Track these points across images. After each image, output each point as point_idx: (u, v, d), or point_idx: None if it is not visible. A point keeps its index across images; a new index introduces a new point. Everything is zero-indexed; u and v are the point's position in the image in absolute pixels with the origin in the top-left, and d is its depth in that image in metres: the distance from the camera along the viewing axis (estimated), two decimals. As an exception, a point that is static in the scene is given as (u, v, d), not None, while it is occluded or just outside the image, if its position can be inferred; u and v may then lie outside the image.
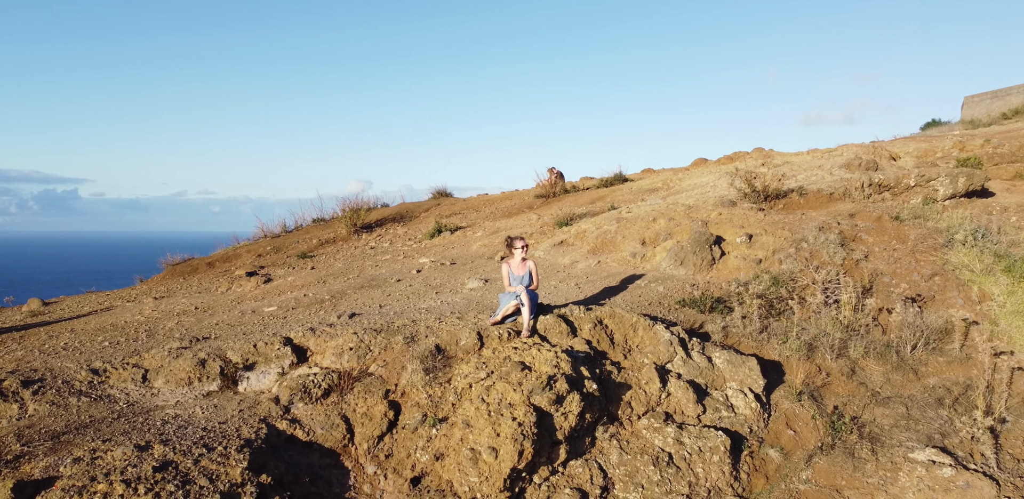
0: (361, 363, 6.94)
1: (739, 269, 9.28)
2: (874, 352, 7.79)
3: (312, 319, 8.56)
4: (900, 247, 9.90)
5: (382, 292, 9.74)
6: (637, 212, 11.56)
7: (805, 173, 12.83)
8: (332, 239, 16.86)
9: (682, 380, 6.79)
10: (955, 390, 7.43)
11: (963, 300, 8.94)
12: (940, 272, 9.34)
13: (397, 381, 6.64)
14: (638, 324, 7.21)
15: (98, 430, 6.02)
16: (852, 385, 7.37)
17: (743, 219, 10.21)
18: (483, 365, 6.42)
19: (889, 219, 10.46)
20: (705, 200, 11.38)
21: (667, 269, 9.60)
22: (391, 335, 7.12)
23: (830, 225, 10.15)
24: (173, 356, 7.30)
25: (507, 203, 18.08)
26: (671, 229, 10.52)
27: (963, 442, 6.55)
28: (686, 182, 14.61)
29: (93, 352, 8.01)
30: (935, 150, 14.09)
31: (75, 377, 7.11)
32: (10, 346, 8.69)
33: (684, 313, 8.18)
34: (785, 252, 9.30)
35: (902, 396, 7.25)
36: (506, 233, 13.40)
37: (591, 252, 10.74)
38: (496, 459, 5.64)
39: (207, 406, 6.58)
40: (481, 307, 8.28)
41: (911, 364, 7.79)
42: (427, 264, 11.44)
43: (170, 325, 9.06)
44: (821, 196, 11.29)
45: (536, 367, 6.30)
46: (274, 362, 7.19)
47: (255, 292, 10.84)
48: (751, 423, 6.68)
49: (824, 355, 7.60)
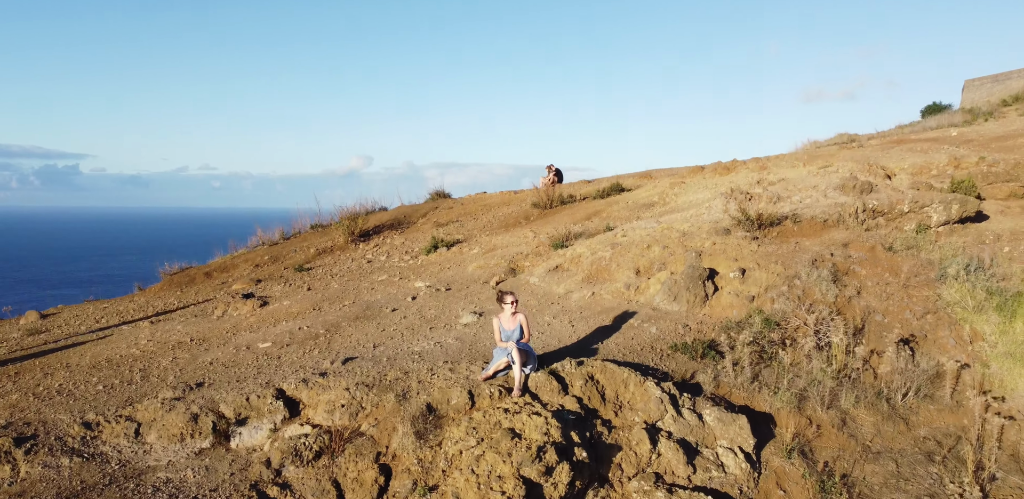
0: (353, 421, 6.79)
1: (732, 306, 9.09)
2: (865, 401, 7.64)
3: (306, 361, 8.39)
4: (893, 281, 9.69)
5: (376, 326, 9.55)
6: (632, 236, 11.32)
7: (800, 194, 12.54)
8: (330, 248, 16.63)
9: (672, 439, 6.64)
10: (946, 443, 7.29)
11: (955, 340, 8.77)
12: (932, 309, 9.15)
13: (388, 443, 6.49)
14: (629, 380, 7.04)
15: None
16: (843, 438, 7.23)
17: (737, 250, 9.98)
18: (473, 430, 6.26)
19: (883, 249, 10.23)
20: (699, 225, 11.13)
21: (661, 304, 9.40)
22: (383, 392, 6.96)
23: (823, 257, 9.92)
24: (166, 409, 7.14)
25: (504, 210, 17.80)
26: (665, 258, 10.30)
27: (952, 504, 6.43)
28: (681, 198, 14.33)
29: (87, 398, 7.86)
30: (930, 166, 13.79)
31: (68, 432, 6.97)
32: (5, 385, 8.54)
33: (676, 359, 8.00)
34: (778, 290, 9.09)
35: (892, 450, 7.12)
36: (502, 251, 13.17)
37: (585, 280, 10.53)
38: (485, 536, 5.52)
39: (199, 468, 6.44)
40: (474, 352, 8.10)
41: (902, 413, 7.65)
42: (422, 290, 11.23)
43: (165, 363, 8.89)
44: (815, 223, 11.04)
45: (526, 434, 6.15)
46: (266, 417, 7.04)
47: (251, 320, 10.65)
48: (741, 484, 6.55)
49: (815, 406, 7.44)
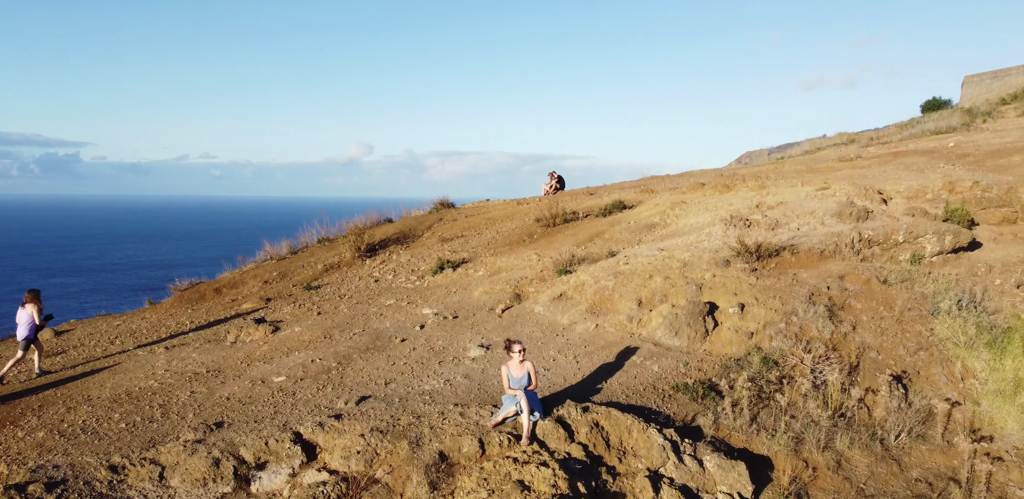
0: (368, 468, 7.01)
1: (732, 342, 9.30)
2: (859, 443, 7.86)
3: (320, 399, 8.61)
4: (888, 315, 9.89)
5: (387, 359, 9.77)
6: (634, 265, 11.50)
7: (798, 221, 12.71)
8: (337, 264, 16.82)
9: (674, 486, 6.87)
10: (937, 485, 7.52)
11: (947, 377, 8.98)
12: (925, 345, 9.35)
13: (403, 491, 6.72)
14: (632, 427, 7.26)
15: (119, 551, 6.11)
16: (838, 480, 7.46)
17: (736, 284, 10.17)
18: (484, 481, 6.49)
19: (878, 282, 10.42)
20: (700, 255, 11.31)
21: (662, 339, 9.61)
22: (396, 439, 7.18)
23: (820, 291, 10.11)
24: (188, 452, 7.37)
25: (508, 225, 17.97)
26: (667, 289, 10.49)
27: (940, 550, 6.66)
28: (682, 221, 14.49)
29: (111, 437, 8.09)
30: (926, 190, 13.93)
31: (95, 476, 7.20)
32: (31, 421, 8.77)
33: (678, 400, 8.22)
34: (776, 326, 9.30)
35: (886, 493, 7.34)
36: (507, 274, 13.36)
37: (589, 310, 10.73)
38: (497, 589, 5.76)
39: (222, 515, 6.68)
40: (483, 392, 8.32)
41: (895, 454, 7.87)
42: (430, 317, 11.44)
43: (183, 398, 9.12)
44: (812, 254, 11.22)
45: (535, 486, 6.38)
46: (285, 461, 7.27)
47: (264, 348, 10.87)
48: (739, 529, 6.78)
49: (811, 448, 7.67)
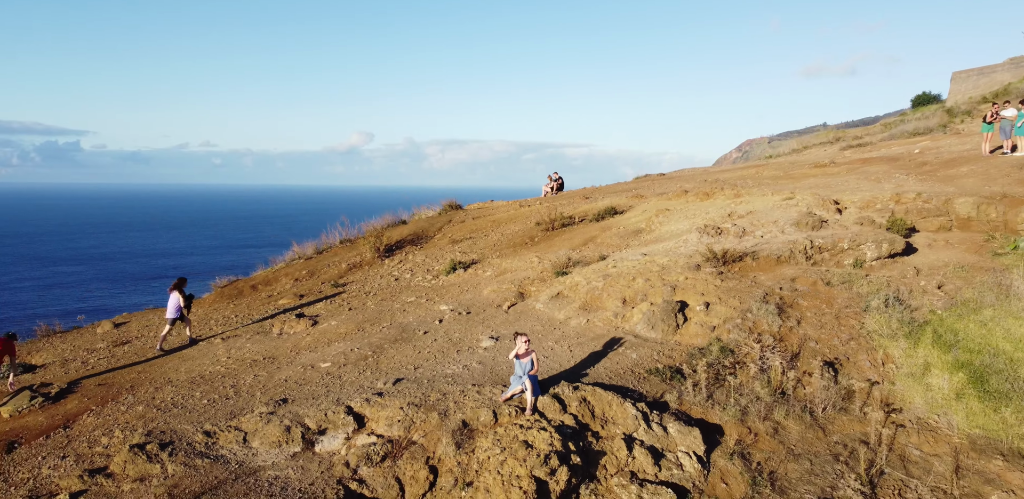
0: (407, 433, 8.98)
1: (697, 335, 11.24)
2: (793, 414, 9.82)
3: (362, 380, 10.57)
4: (828, 311, 11.83)
5: (413, 348, 11.73)
6: (621, 268, 13.42)
7: (762, 229, 14.61)
8: (359, 263, 18.75)
9: (644, 446, 8.83)
10: (851, 445, 9.48)
11: (870, 362, 10.93)
12: (856, 337, 11.30)
13: (435, 450, 8.68)
14: (612, 401, 9.22)
15: (226, 491, 8.07)
16: (774, 443, 9.42)
17: (704, 286, 12.10)
18: (498, 441, 8.45)
19: (822, 284, 12.34)
20: (676, 260, 13.23)
21: (641, 332, 11.56)
22: (428, 411, 9.15)
23: (773, 291, 12.05)
24: (264, 421, 9.34)
25: (511, 228, 19.87)
26: (647, 290, 12.42)
27: (847, 494, 8.64)
28: (664, 227, 16.39)
29: (198, 410, 10.05)
30: (876, 201, 15.78)
31: (194, 439, 9.16)
32: (127, 399, 10.72)
33: (650, 381, 10.18)
34: (734, 322, 11.24)
35: (810, 453, 9.32)
36: (511, 275, 15.30)
37: (582, 308, 12.67)
38: (508, 518, 7.73)
39: (296, 468, 8.64)
40: (494, 375, 10.28)
41: (821, 423, 9.83)
42: (447, 313, 13.39)
43: (248, 380, 11.07)
44: (770, 260, 13.13)
45: (536, 445, 8.34)
46: (340, 428, 9.23)
47: (307, 339, 12.83)
48: (694, 479, 8.75)
49: (754, 419, 9.63)
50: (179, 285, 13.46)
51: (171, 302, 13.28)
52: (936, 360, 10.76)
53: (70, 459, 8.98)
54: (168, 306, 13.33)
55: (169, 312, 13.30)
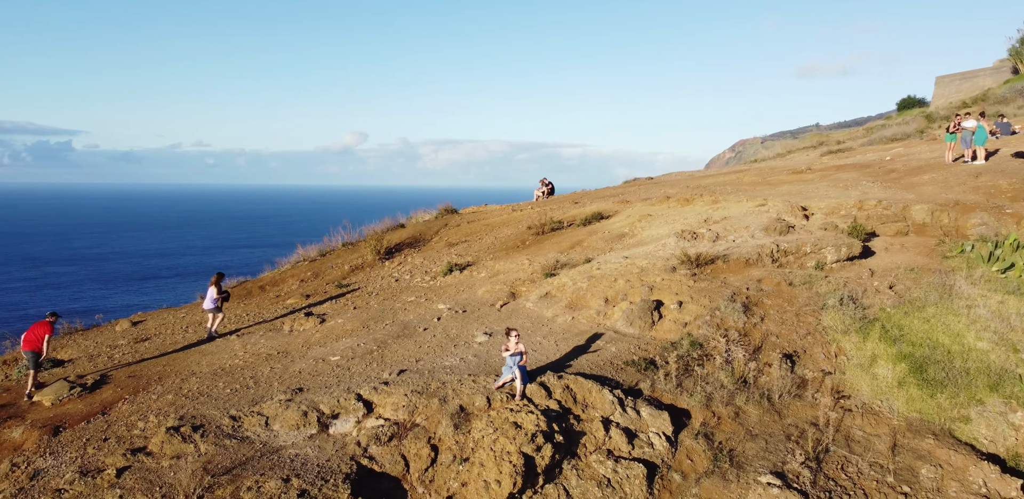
0: (411, 416, 10.18)
1: (671, 331, 12.48)
2: (753, 400, 11.07)
3: (369, 372, 11.76)
4: (789, 309, 13.09)
5: (415, 343, 12.92)
6: (604, 270, 14.65)
7: (735, 234, 15.85)
8: (360, 265, 19.91)
9: (619, 428, 10.06)
10: (803, 427, 10.73)
11: (825, 355, 12.19)
12: (813, 332, 12.56)
13: (435, 431, 9.88)
14: (592, 389, 10.44)
15: (253, 466, 9.25)
16: (735, 425, 10.66)
17: (678, 286, 13.34)
18: (491, 423, 9.66)
19: (786, 284, 13.59)
20: (654, 262, 14.47)
21: (620, 328, 12.79)
22: (429, 397, 10.34)
23: (741, 292, 13.30)
24: (283, 407, 10.52)
25: (504, 231, 21.08)
26: (627, 290, 13.65)
27: (795, 467, 9.89)
28: (646, 232, 17.62)
29: (223, 398, 11.21)
30: (840, 208, 17.03)
31: (221, 423, 10.33)
32: (156, 388, 11.87)
33: (627, 371, 11.41)
34: (703, 319, 12.48)
35: (766, 433, 10.56)
36: (504, 276, 16.51)
37: (567, 306, 13.89)
38: (500, 487, 8.93)
39: (314, 446, 9.82)
40: (487, 367, 11.48)
41: (777, 408, 11.08)
42: (444, 311, 14.59)
43: (266, 372, 12.24)
44: (740, 262, 14.38)
45: (524, 426, 9.55)
46: (352, 413, 10.42)
47: (316, 336, 14.00)
48: (663, 456, 9.98)
49: (718, 404, 10.86)
50: (217, 280, 14.92)
51: (208, 294, 14.74)
52: (882, 352, 12.03)
53: (112, 440, 10.14)
54: (206, 297, 14.78)
55: (206, 304, 14.79)
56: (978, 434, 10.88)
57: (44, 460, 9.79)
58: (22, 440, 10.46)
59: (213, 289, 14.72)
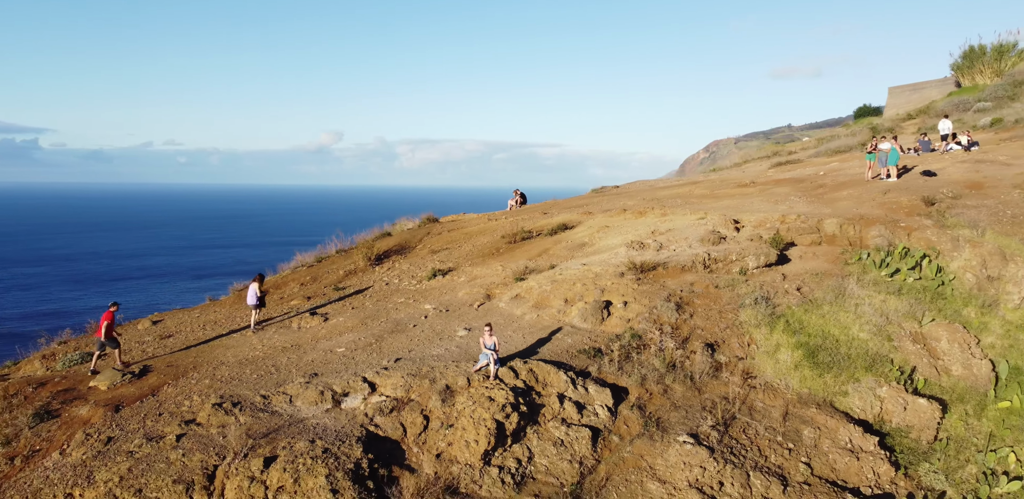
0: (407, 393, 12.82)
1: (617, 325, 15.27)
2: (679, 380, 13.90)
3: (371, 360, 14.35)
4: (714, 307, 15.97)
5: (407, 337, 15.55)
6: (565, 275, 17.41)
7: (676, 244, 18.72)
8: (354, 270, 22.43)
9: (571, 401, 12.81)
10: (716, 400, 13.59)
11: (739, 344, 15.08)
12: (731, 325, 15.44)
13: (427, 404, 12.53)
14: (550, 371, 13.19)
15: (285, 432, 11.82)
16: (663, 399, 13.48)
17: (625, 289, 16.14)
18: (470, 398, 12.35)
19: (713, 287, 16.46)
20: (607, 269, 17.26)
21: (576, 323, 15.55)
22: (421, 379, 13.00)
23: (675, 293, 16.15)
24: (303, 388, 13.09)
25: (481, 240, 23.75)
26: (583, 292, 16.43)
27: (706, 430, 12.72)
28: (603, 242, 20.41)
29: (251, 382, 13.73)
30: (766, 221, 19.96)
31: (254, 400, 12.87)
32: (193, 375, 14.33)
33: (579, 358, 14.17)
34: (643, 315, 15.30)
35: (687, 405, 13.39)
36: (480, 280, 19.20)
37: (534, 306, 16.63)
38: (477, 446, 11.62)
39: (330, 417, 12.41)
40: (467, 355, 14.16)
41: (698, 386, 13.92)
42: (430, 311, 17.23)
43: (284, 361, 14.77)
44: (677, 268, 17.22)
45: (497, 400, 12.25)
46: (359, 392, 13.02)
47: (322, 332, 16.55)
48: (605, 423, 12.75)
49: (650, 383, 13.67)
50: (259, 279, 17.44)
51: (250, 291, 17.18)
52: (784, 342, 14.96)
53: (166, 415, 12.63)
54: (248, 295, 17.19)
55: (249, 300, 17.18)
56: (852, 405, 13.87)
57: (112, 430, 12.26)
58: (89, 416, 12.90)
59: (256, 287, 17.12)
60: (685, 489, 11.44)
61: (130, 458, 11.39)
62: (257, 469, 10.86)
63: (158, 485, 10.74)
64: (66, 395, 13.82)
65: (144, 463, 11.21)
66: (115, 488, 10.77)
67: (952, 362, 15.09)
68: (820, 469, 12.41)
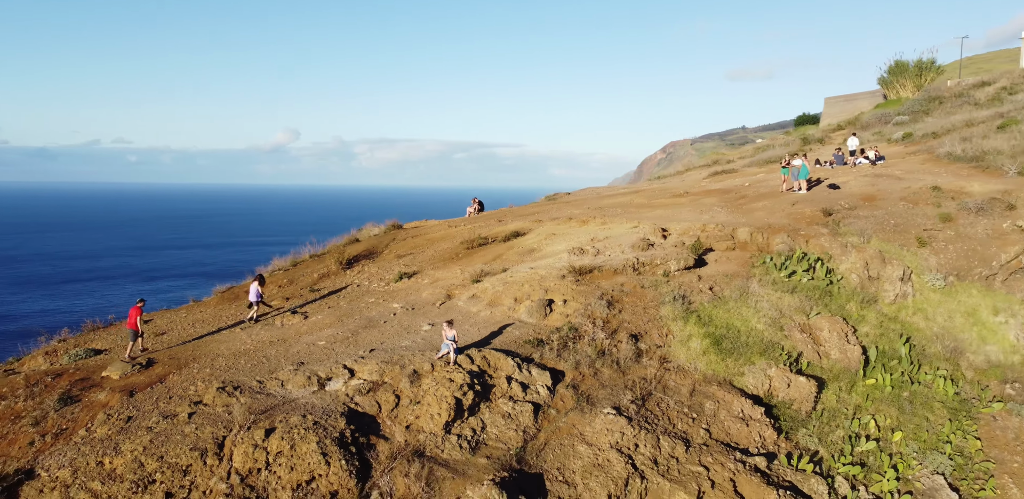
0: (381, 377, 15.39)
1: (557, 320, 18.10)
2: (607, 364, 16.78)
3: (349, 351, 16.85)
4: (640, 304, 18.94)
5: (379, 332, 18.09)
6: (516, 277, 20.18)
7: (611, 250, 21.67)
8: (327, 273, 24.77)
9: (517, 382, 15.57)
10: (636, 380, 16.52)
11: (659, 335, 18.07)
12: (653, 319, 18.43)
13: (398, 385, 15.13)
14: (500, 357, 15.93)
15: (280, 409, 14.27)
16: (594, 380, 16.34)
17: (565, 289, 18.99)
18: (434, 379, 15.00)
19: (640, 287, 19.43)
20: (551, 272, 20.09)
21: (524, 319, 18.33)
22: (393, 365, 15.59)
23: (608, 292, 19.06)
24: (293, 374, 15.54)
25: (443, 245, 26.35)
26: (530, 292, 19.22)
27: (626, 404, 15.62)
28: (549, 248, 23.24)
29: (247, 370, 16.10)
30: (690, 230, 23.08)
31: (251, 385, 15.26)
32: (194, 366, 16.62)
33: (525, 347, 16.94)
34: (580, 311, 18.16)
35: (613, 385, 16.28)
36: (442, 282, 21.82)
37: (488, 304, 19.35)
38: (440, 418, 14.27)
39: (317, 398, 14.89)
40: (431, 346, 16.79)
41: (623, 369, 16.82)
42: (398, 309, 19.80)
43: (273, 353, 17.16)
44: (610, 271, 20.16)
45: (456, 381, 14.93)
46: (341, 377, 15.54)
47: (303, 328, 18.96)
48: (545, 399, 15.54)
49: (584, 367, 16.51)
50: (259, 279, 19.98)
51: (252, 290, 19.70)
52: (696, 332, 17.99)
53: (175, 398, 14.94)
54: (250, 293, 19.74)
55: (251, 297, 19.75)
56: (747, 383, 16.96)
57: (130, 411, 14.54)
58: (107, 400, 15.12)
59: (256, 286, 19.63)
60: (608, 450, 14.31)
61: (150, 432, 13.71)
62: (259, 438, 13.32)
63: (177, 453, 13.11)
64: (83, 384, 15.97)
65: (163, 436, 13.55)
66: (140, 456, 13.10)
67: (831, 348, 18.35)
68: (717, 433, 15.44)
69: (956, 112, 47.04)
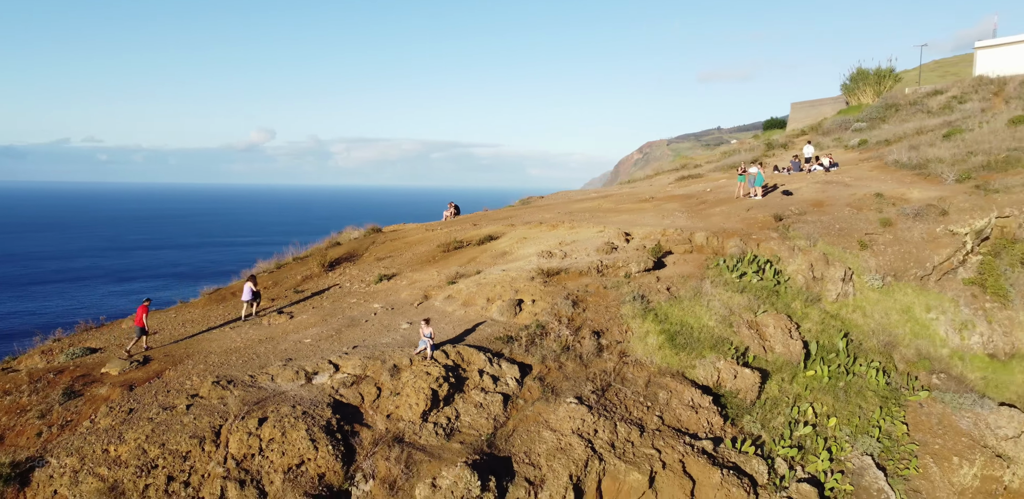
0: (364, 371, 16.81)
1: (526, 318, 19.65)
2: (571, 358, 18.36)
3: (334, 348, 18.21)
4: (603, 304, 20.57)
5: (361, 330, 19.48)
6: (488, 279, 21.69)
7: (578, 253, 23.28)
8: (310, 275, 26.05)
9: (488, 375, 17.08)
10: (598, 373, 18.13)
11: (619, 331, 19.71)
12: (614, 317, 20.07)
13: (379, 379, 16.55)
14: (473, 353, 17.43)
15: (271, 400, 15.62)
16: (558, 373, 17.91)
17: (534, 290, 20.55)
18: (412, 373, 16.46)
19: (603, 288, 21.06)
20: (521, 274, 21.64)
21: (496, 317, 19.86)
22: (374, 360, 17.01)
23: (573, 293, 20.67)
24: (282, 369, 16.88)
25: (420, 249, 27.76)
26: (501, 292, 20.74)
27: (587, 394, 17.22)
28: (520, 251, 24.79)
29: (239, 366, 17.39)
30: (652, 234, 24.77)
31: (244, 379, 16.57)
32: (188, 363, 17.87)
33: (496, 343, 18.47)
34: (547, 310, 19.74)
35: (576, 377, 17.87)
36: (420, 284, 23.25)
37: (463, 304, 20.84)
38: (418, 407, 15.74)
39: (305, 390, 16.26)
40: (410, 342, 18.22)
41: (585, 363, 18.42)
42: (379, 309, 21.20)
43: (262, 350, 18.46)
44: (576, 273, 21.77)
45: (432, 374, 16.40)
46: (326, 371, 16.92)
47: (289, 327, 20.27)
48: (514, 390, 17.08)
49: (549, 361, 18.08)
50: (251, 279, 21.19)
51: (245, 289, 20.99)
52: (653, 329, 19.67)
53: (173, 391, 16.21)
54: (243, 291, 21.05)
55: (245, 296, 21.08)
56: (698, 375, 18.66)
57: (131, 404, 15.78)
58: (108, 394, 16.33)
59: (250, 285, 20.90)
60: (570, 435, 15.89)
61: (151, 422, 14.99)
62: (253, 426, 14.68)
63: (177, 440, 14.42)
64: (84, 379, 17.14)
65: (163, 425, 14.84)
66: (143, 443, 14.38)
67: (776, 343, 20.15)
68: (669, 420, 17.11)
69: (910, 120, 49.50)
